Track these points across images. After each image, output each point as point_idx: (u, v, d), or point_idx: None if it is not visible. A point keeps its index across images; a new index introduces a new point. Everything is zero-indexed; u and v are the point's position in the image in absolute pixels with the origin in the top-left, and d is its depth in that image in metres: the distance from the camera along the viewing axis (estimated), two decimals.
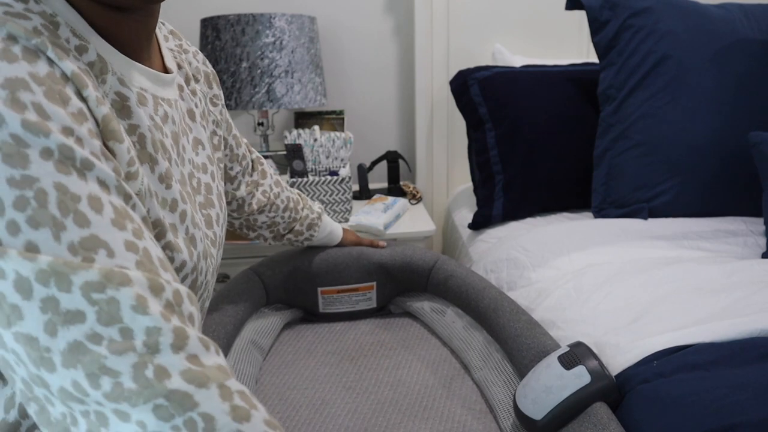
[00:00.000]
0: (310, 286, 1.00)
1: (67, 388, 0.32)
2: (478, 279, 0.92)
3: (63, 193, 0.33)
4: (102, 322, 0.32)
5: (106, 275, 0.33)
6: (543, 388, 0.65)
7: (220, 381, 0.35)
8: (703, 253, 0.99)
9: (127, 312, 0.33)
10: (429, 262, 0.99)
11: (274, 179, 0.88)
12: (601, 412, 0.60)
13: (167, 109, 0.50)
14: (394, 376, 0.85)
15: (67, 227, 0.32)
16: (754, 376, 0.59)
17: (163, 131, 0.49)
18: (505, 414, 0.74)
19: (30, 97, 0.33)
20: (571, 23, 1.55)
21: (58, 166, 0.33)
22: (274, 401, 0.80)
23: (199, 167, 0.56)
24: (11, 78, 0.33)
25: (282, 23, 1.32)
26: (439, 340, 0.96)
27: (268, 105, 1.33)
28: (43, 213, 0.32)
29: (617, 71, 1.18)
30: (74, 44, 0.40)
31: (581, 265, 0.95)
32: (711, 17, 1.18)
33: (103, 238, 0.34)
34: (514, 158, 1.24)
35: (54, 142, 0.33)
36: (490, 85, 1.27)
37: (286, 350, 0.93)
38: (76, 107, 0.36)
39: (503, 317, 0.81)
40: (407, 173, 1.70)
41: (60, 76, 0.36)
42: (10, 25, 0.35)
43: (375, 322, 1.02)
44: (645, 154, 1.14)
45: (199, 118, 0.59)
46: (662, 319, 0.74)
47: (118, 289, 0.33)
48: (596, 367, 0.64)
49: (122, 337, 0.32)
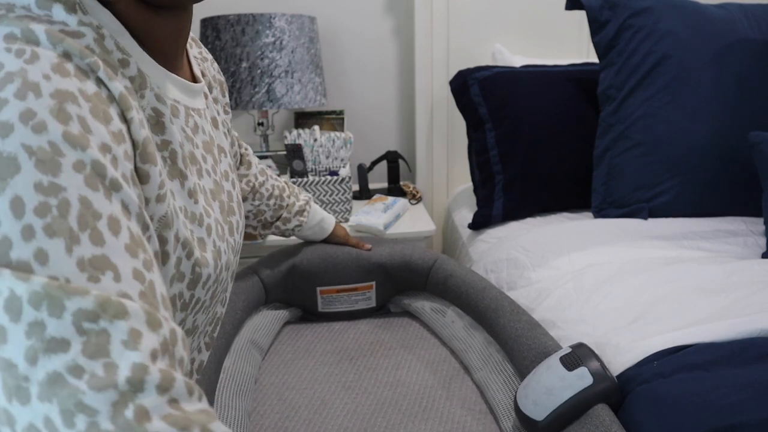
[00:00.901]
0: (309, 285, 1.00)
1: (37, 425, 0.29)
2: (477, 279, 0.92)
3: (86, 208, 0.32)
4: (87, 354, 0.30)
5: (101, 304, 0.31)
6: (544, 390, 0.64)
7: (203, 424, 0.33)
8: (703, 253, 0.99)
9: (116, 346, 0.31)
10: (428, 262, 0.99)
11: (259, 169, 0.88)
12: (603, 414, 0.60)
13: (197, 119, 0.51)
14: (394, 377, 0.85)
15: (81, 242, 0.32)
16: (754, 376, 0.59)
17: (194, 142, 0.50)
18: (505, 415, 0.74)
19: (77, 110, 0.34)
20: (571, 23, 1.55)
21: (87, 180, 0.33)
22: (273, 401, 0.80)
23: (222, 175, 0.57)
24: (62, 90, 0.33)
25: (282, 23, 1.32)
26: (439, 340, 0.96)
27: (268, 105, 1.33)
28: (62, 223, 0.31)
29: (617, 71, 1.18)
30: (117, 57, 0.41)
31: (581, 265, 0.95)
32: (711, 17, 1.18)
33: (114, 260, 0.33)
34: (514, 158, 1.24)
35: (89, 156, 0.33)
36: (490, 85, 1.27)
37: (285, 350, 0.93)
38: (117, 127, 0.37)
39: (504, 317, 0.81)
40: (407, 173, 1.69)
41: (106, 97, 0.37)
42: (67, 42, 0.36)
43: (374, 322, 1.02)
44: (645, 154, 1.14)
45: (221, 127, 0.60)
46: (662, 319, 0.74)
47: (112, 322, 0.31)
48: (598, 368, 0.64)
49: (105, 372, 0.30)
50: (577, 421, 0.61)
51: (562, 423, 0.63)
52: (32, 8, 0.37)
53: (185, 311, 0.47)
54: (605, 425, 0.58)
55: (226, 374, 0.79)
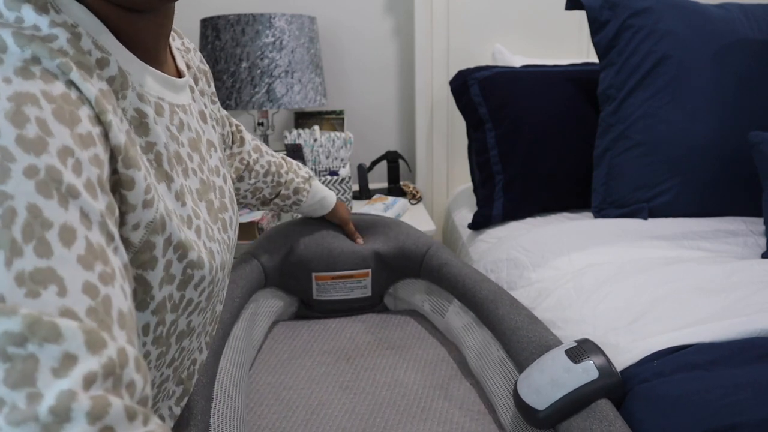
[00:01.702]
0: (305, 272, 0.99)
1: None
2: (473, 270, 0.92)
3: (34, 217, 0.30)
4: (10, 383, 0.27)
5: (30, 326, 0.28)
6: (548, 380, 0.64)
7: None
8: (703, 253, 0.99)
9: (44, 373, 0.28)
10: (422, 249, 0.99)
11: (252, 145, 0.86)
12: (606, 409, 0.60)
13: (182, 116, 0.50)
14: (392, 377, 0.85)
15: (24, 254, 0.29)
16: (754, 376, 0.59)
17: (180, 141, 0.49)
18: (504, 409, 0.73)
19: (36, 112, 0.32)
20: (571, 23, 1.55)
21: (39, 186, 0.30)
22: (270, 401, 0.79)
23: (213, 170, 0.56)
24: (22, 93, 0.32)
25: (282, 23, 1.32)
26: (436, 340, 0.95)
27: (268, 105, 1.33)
28: (4, 234, 0.29)
29: (617, 71, 1.17)
30: (96, 57, 0.39)
31: (581, 265, 0.94)
32: (711, 17, 1.18)
33: (61, 273, 0.30)
34: (514, 158, 1.24)
35: (44, 161, 0.31)
36: (490, 85, 1.27)
37: (281, 349, 0.93)
38: (86, 130, 0.35)
39: (502, 308, 0.81)
40: (407, 173, 1.69)
41: (77, 98, 0.35)
42: (35, 45, 0.34)
43: (371, 321, 1.02)
44: (645, 154, 1.14)
45: (209, 119, 0.58)
46: (662, 319, 0.73)
47: (42, 345, 0.28)
48: (605, 363, 0.63)
49: (27, 404, 0.27)
50: (579, 415, 0.61)
51: (563, 414, 0.62)
52: (1, 11, 0.35)
53: (176, 312, 0.46)
54: (609, 420, 0.58)
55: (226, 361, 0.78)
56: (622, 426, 0.57)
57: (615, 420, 0.58)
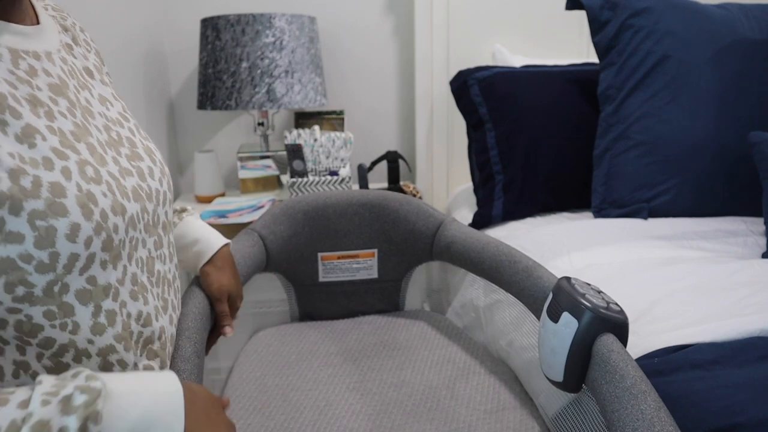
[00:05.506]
0: (310, 251, 0.99)
1: None
2: (476, 239, 0.91)
3: None
4: None
5: None
6: (549, 350, 0.65)
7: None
8: (703, 253, 1.00)
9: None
10: (431, 229, 0.98)
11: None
12: (603, 350, 0.59)
13: (33, 62, 0.49)
14: (398, 377, 0.85)
15: None
16: (754, 376, 0.60)
17: (33, 84, 0.48)
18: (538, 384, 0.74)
19: None
20: (571, 23, 1.55)
21: None
22: (278, 402, 0.80)
23: (114, 121, 0.57)
24: None
25: (282, 23, 1.32)
26: (443, 340, 0.96)
27: (268, 105, 1.33)
28: None
29: (617, 71, 1.18)
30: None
31: (581, 265, 0.95)
32: (711, 17, 1.18)
33: None
34: (514, 158, 1.24)
35: None
36: (490, 85, 1.27)
37: (289, 351, 0.94)
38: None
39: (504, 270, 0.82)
40: (407, 173, 1.70)
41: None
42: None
43: (377, 323, 1.03)
44: (645, 154, 1.15)
45: (98, 77, 0.60)
46: (662, 319, 0.74)
47: None
48: (576, 306, 0.61)
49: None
50: (590, 367, 0.61)
51: (579, 373, 0.62)
52: None
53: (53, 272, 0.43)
54: (605, 359, 0.58)
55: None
56: (618, 356, 0.57)
57: (609, 354, 0.57)
